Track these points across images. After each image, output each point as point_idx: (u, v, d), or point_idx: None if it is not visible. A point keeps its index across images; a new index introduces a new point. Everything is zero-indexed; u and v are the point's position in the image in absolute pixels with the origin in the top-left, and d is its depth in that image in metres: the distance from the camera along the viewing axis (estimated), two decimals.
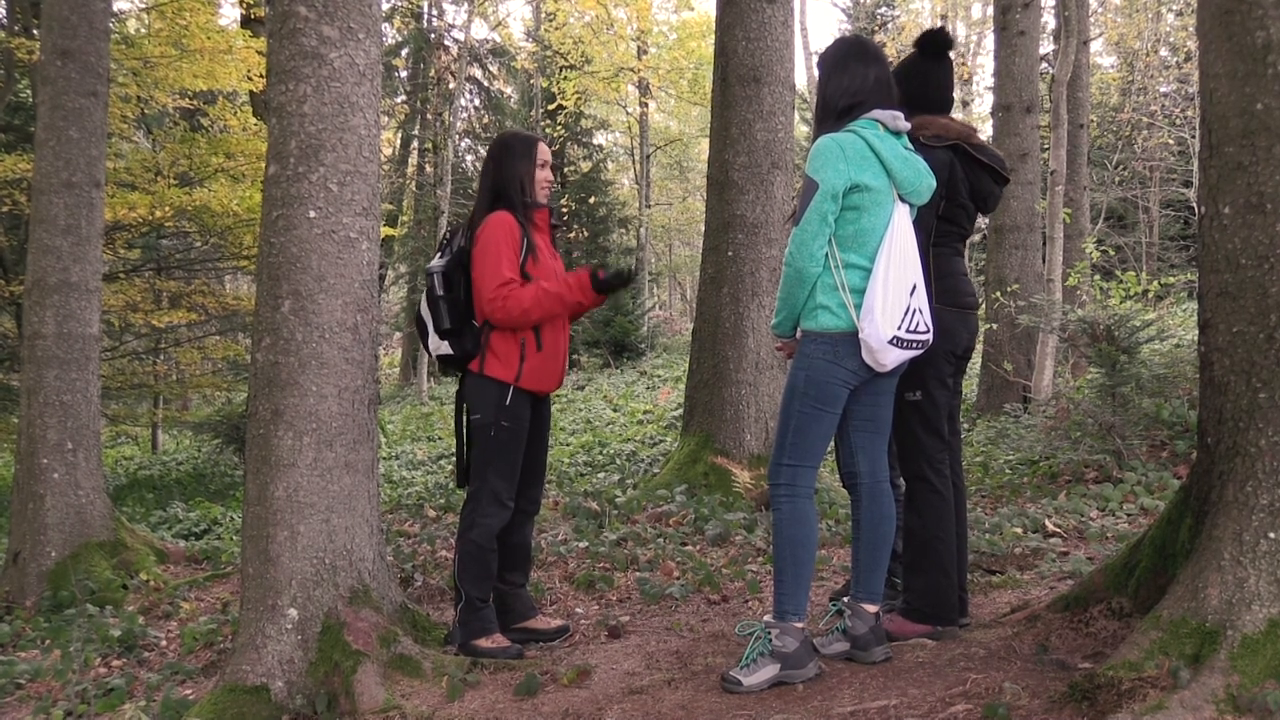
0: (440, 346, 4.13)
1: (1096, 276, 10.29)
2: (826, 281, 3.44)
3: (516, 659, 4.05)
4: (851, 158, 3.39)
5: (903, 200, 3.49)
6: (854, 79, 3.53)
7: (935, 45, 3.97)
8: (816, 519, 3.59)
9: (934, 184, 3.58)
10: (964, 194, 3.92)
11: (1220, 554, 2.96)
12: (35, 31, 11.03)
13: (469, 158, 30.27)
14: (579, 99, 27.67)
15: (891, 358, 3.42)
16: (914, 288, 3.43)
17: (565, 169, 29.10)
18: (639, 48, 27.75)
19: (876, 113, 3.49)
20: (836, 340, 3.44)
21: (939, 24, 28.86)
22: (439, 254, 4.17)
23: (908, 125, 3.55)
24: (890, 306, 3.36)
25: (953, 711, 3.06)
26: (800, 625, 3.53)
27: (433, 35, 28.75)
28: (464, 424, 4.26)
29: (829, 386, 3.47)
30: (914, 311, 3.42)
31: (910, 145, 3.58)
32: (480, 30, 30.20)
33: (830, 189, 3.37)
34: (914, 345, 3.45)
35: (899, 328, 3.39)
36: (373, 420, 4.14)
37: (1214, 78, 3.16)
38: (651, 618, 4.70)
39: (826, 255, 3.44)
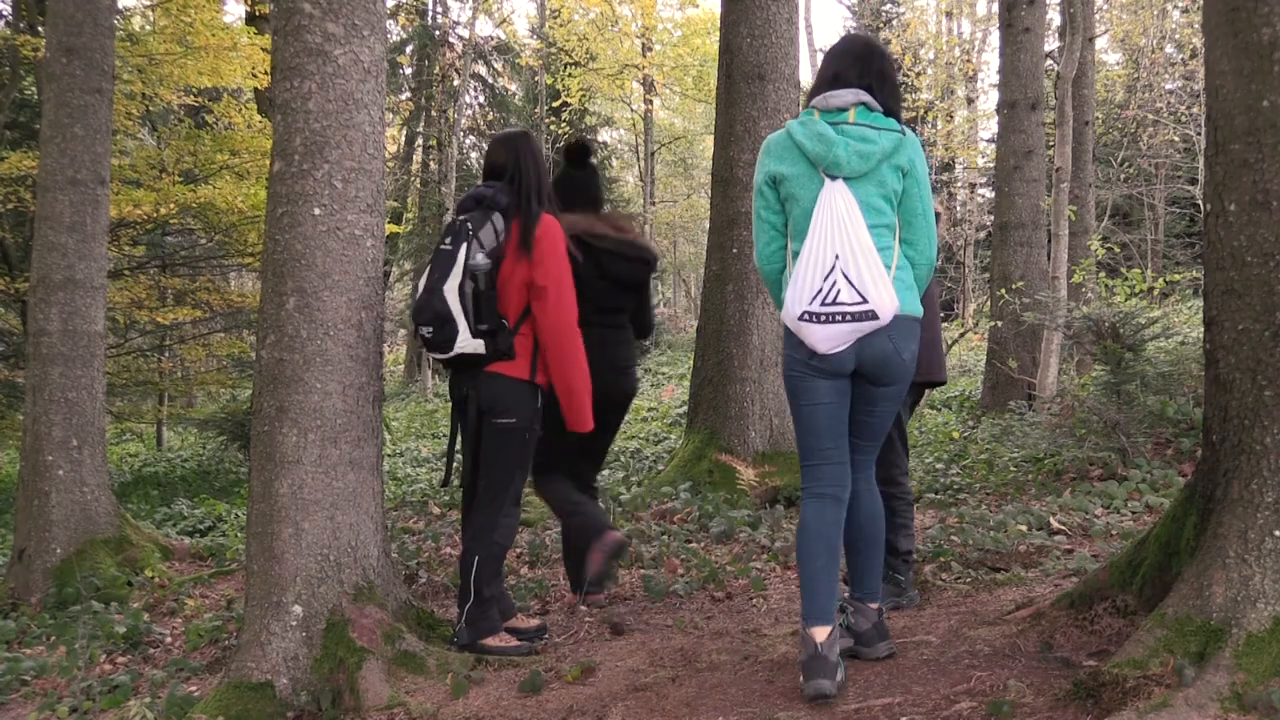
0: (472, 345, 3.96)
1: (1102, 274, 10.27)
2: (787, 274, 3.47)
3: (526, 656, 4.07)
4: (772, 151, 3.44)
5: (831, 176, 3.34)
6: (816, 78, 3.59)
7: (579, 155, 4.86)
8: (828, 520, 3.45)
9: (860, 149, 3.33)
10: (593, 276, 4.54)
11: (1225, 552, 2.96)
12: (40, 29, 11.04)
13: (473, 155, 30.28)
14: (583, 96, 27.69)
15: (816, 336, 3.32)
16: (836, 258, 3.27)
17: None
18: (644, 44, 27.73)
19: (815, 101, 3.48)
20: (789, 330, 3.44)
21: (944, 20, 28.74)
22: (461, 242, 3.97)
23: (842, 100, 3.41)
24: (802, 282, 3.30)
25: (957, 709, 3.06)
26: (814, 630, 3.35)
27: (437, 32, 28.77)
28: (460, 426, 4.26)
29: (793, 379, 3.46)
30: (833, 283, 3.27)
31: (865, 120, 3.39)
32: (484, 27, 30.27)
33: (756, 187, 3.48)
34: (840, 318, 3.27)
35: (811, 302, 3.28)
36: (377, 417, 4.15)
37: (1220, 74, 3.15)
38: (656, 615, 4.71)
39: (785, 250, 3.49)
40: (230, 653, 4.33)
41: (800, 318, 3.30)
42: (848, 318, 3.27)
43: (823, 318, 3.28)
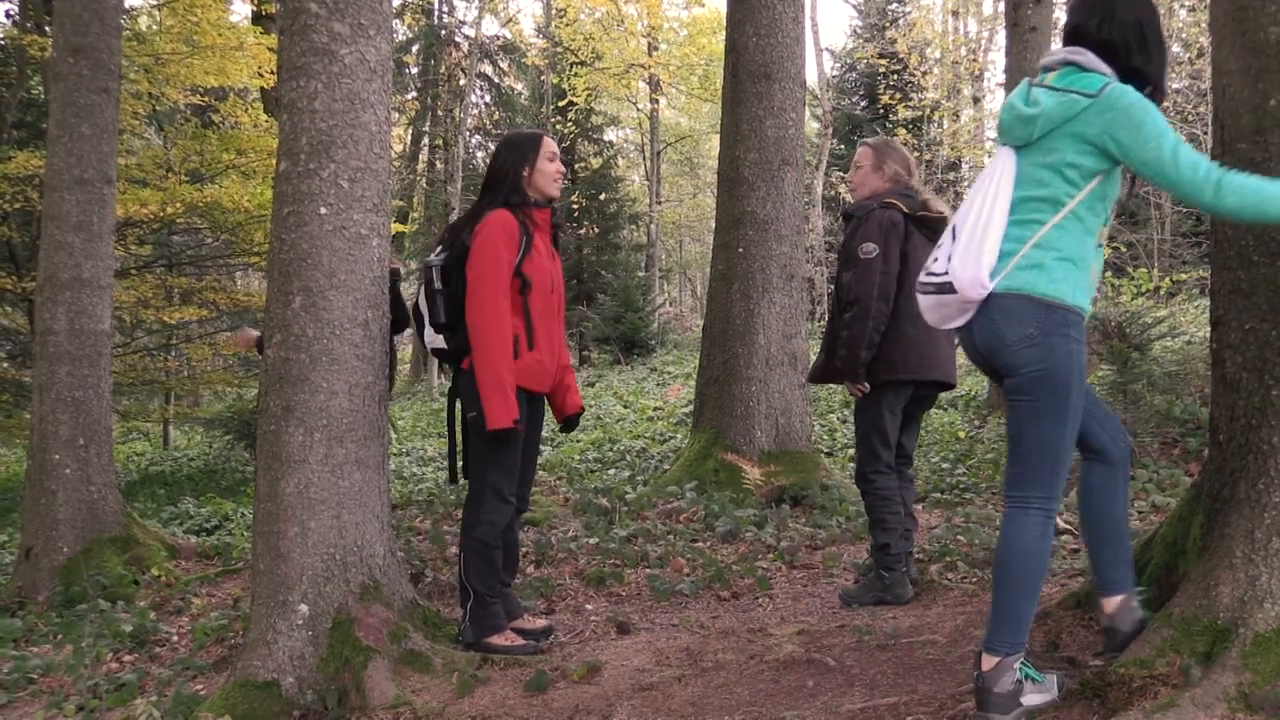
0: (435, 340, 4.13)
1: (1108, 273, 10.24)
2: None
3: (532, 655, 4.07)
4: None
5: (1004, 144, 3.11)
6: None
7: None
8: (1093, 481, 3.22)
9: (1021, 114, 3.03)
10: None
11: (1232, 552, 2.95)
12: (47, 29, 11.05)
13: (479, 154, 30.29)
14: (589, 95, 27.67)
15: (923, 306, 3.17)
16: (954, 228, 3.06)
17: (575, 165, 29.11)
18: (649, 44, 27.73)
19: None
20: None
21: (950, 19, 28.61)
22: (438, 248, 4.14)
23: (1050, 60, 3.10)
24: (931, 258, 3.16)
25: (963, 709, 3.06)
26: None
27: (443, 31, 28.77)
28: (454, 420, 4.29)
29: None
30: (936, 254, 3.09)
31: (1059, 83, 3.01)
32: (491, 26, 30.22)
33: None
34: (928, 289, 3.09)
35: (922, 273, 3.15)
36: (383, 416, 4.15)
37: (1226, 74, 3.15)
38: (661, 614, 4.71)
39: None
40: (236, 651, 4.33)
41: (916, 289, 3.18)
42: (930, 289, 3.08)
43: (924, 288, 3.12)
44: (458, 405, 4.26)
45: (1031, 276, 2.94)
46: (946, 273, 2.99)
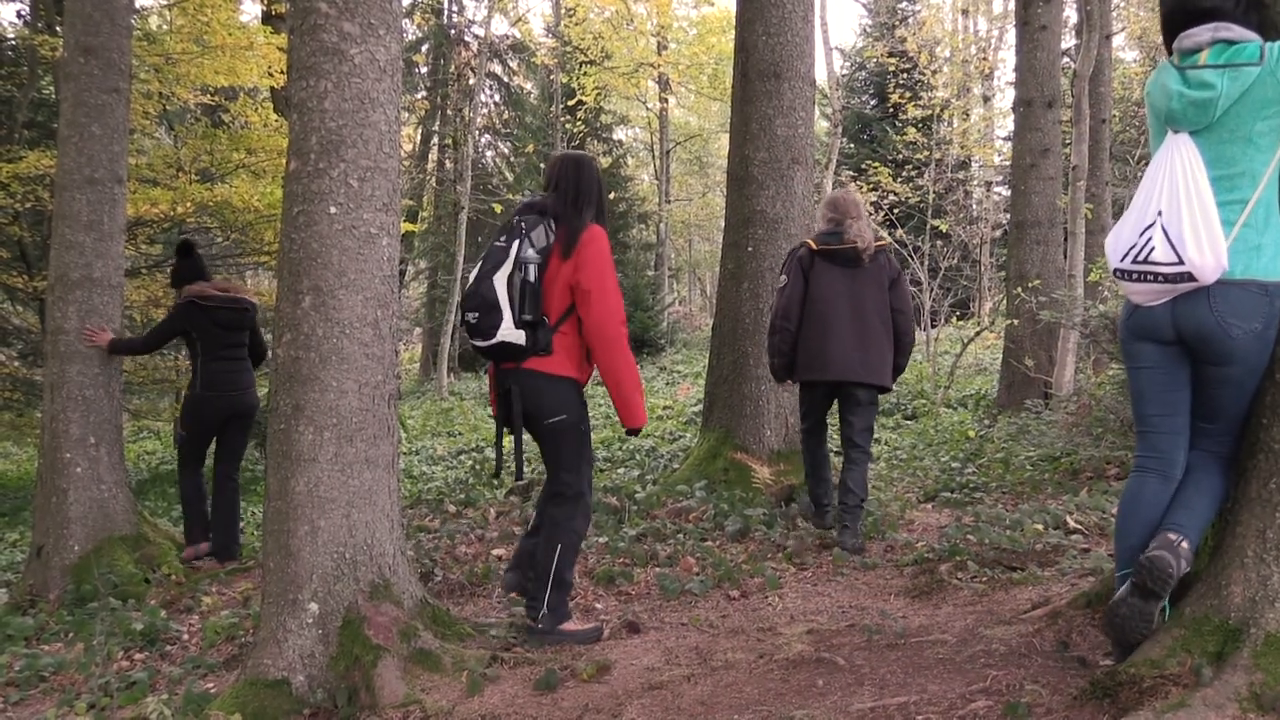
0: (515, 335, 4.13)
1: None
2: None
3: (596, 639, 4.28)
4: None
5: (1174, 129, 3.10)
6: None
7: (185, 250, 6.74)
8: (1146, 498, 3.22)
9: (1195, 99, 3.02)
10: (210, 325, 6.45)
11: (1243, 551, 2.94)
12: (58, 29, 11.08)
13: (489, 153, 30.33)
14: (599, 94, 27.67)
15: (1130, 291, 3.17)
16: (1159, 214, 3.02)
17: None
18: (659, 43, 27.71)
19: (1174, 42, 3.18)
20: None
21: (960, 18, 28.45)
22: (514, 239, 4.20)
23: (1195, 40, 3.09)
24: (1120, 237, 3.13)
25: (973, 708, 3.06)
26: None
27: (453, 31, 28.81)
28: (513, 422, 4.33)
29: (1122, 341, 3.31)
30: (1148, 239, 3.04)
31: (1216, 60, 3.03)
32: (500, 26, 30.28)
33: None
34: (1151, 278, 3.05)
35: (1122, 259, 3.10)
36: (393, 415, 4.16)
37: None
38: (671, 613, 4.71)
39: None
40: (247, 650, 4.34)
41: (1114, 274, 3.17)
42: (1160, 278, 3.04)
43: (1134, 276, 3.09)
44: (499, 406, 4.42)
45: (1250, 259, 2.97)
46: (1180, 262, 2.98)
